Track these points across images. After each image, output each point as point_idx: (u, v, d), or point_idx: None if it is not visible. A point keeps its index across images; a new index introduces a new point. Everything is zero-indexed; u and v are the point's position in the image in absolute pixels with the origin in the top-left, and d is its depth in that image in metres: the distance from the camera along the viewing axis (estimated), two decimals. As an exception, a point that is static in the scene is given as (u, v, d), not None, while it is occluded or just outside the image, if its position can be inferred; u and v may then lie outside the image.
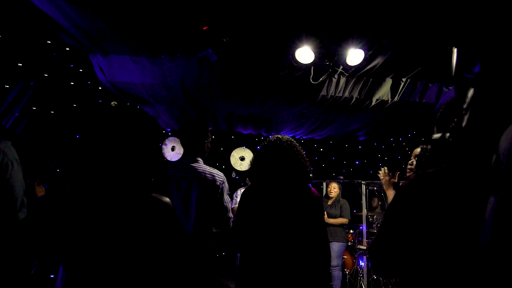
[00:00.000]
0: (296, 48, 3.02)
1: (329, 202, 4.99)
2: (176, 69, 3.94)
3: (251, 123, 6.57)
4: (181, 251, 2.09)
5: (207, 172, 2.18)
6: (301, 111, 5.48)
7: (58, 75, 3.61)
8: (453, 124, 1.15)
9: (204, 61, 3.81)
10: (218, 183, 2.18)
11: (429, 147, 1.35)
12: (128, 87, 4.25)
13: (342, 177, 5.35)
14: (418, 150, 2.08)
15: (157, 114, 5.59)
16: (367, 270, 5.29)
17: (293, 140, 1.95)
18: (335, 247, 4.71)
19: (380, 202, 6.60)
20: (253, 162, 1.96)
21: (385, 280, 5.44)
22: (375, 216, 6.14)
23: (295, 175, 1.79)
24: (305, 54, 3.07)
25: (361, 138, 7.71)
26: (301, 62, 3.13)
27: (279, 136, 1.97)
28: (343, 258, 5.70)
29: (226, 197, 2.22)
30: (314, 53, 3.05)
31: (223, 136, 7.65)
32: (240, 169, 7.82)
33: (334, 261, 4.70)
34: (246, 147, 7.91)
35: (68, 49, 3.53)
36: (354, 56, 3.12)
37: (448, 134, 1.17)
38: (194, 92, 4.34)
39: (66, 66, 3.72)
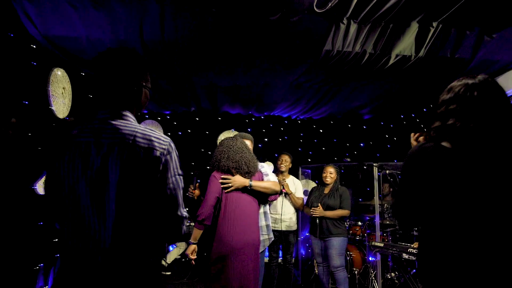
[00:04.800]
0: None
1: (326, 191, 4.03)
2: (130, 17, 2.92)
3: (238, 100, 5.59)
4: (86, 279, 1.13)
5: (138, 135, 1.21)
6: (297, 80, 4.51)
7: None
8: None
9: (165, 3, 2.80)
10: (158, 154, 1.20)
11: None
12: (70, 45, 3.24)
13: (349, 159, 4.41)
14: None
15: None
16: (381, 268, 4.40)
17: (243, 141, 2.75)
18: (336, 243, 3.79)
19: (391, 189, 5.69)
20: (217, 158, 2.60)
21: (402, 280, 4.57)
22: (385, 205, 5.26)
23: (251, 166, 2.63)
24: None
25: (366, 117, 6.79)
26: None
27: (234, 138, 2.70)
28: (352, 255, 4.81)
29: (175, 180, 1.25)
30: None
31: (208, 117, 6.66)
32: (228, 155, 6.84)
33: (336, 261, 3.77)
34: (234, 129, 6.96)
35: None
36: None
37: None
38: (160, 52, 3.33)
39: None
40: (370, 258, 5.18)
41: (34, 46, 3.22)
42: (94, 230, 1.16)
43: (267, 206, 3.05)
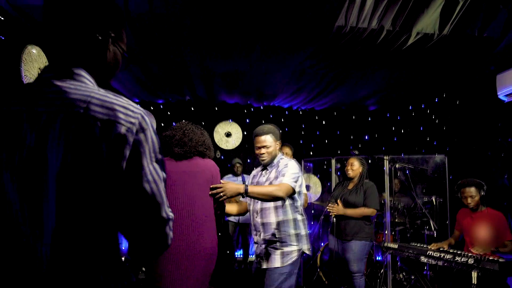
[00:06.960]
0: None
1: (350, 186, 3.61)
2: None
3: (236, 88, 5.19)
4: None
5: (95, 101, 0.80)
6: (302, 65, 4.11)
7: None
8: None
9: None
10: (123, 131, 0.80)
11: None
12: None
13: (357, 152, 4.02)
14: None
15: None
16: (391, 267, 4.04)
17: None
18: (355, 247, 3.33)
19: (399, 185, 5.34)
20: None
21: (412, 282, 4.22)
22: (394, 202, 4.92)
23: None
24: None
25: (372, 108, 6.42)
26: None
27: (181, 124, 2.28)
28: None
29: (153, 169, 0.85)
30: None
31: (204, 106, 6.25)
32: (226, 148, 6.43)
33: (354, 266, 3.34)
34: (232, 120, 6.56)
35: None
36: None
37: None
38: (148, 26, 2.92)
39: None
40: (378, 258, 4.85)
41: (2, 18, 2.80)
42: (27, 244, 0.77)
43: (297, 214, 2.48)
